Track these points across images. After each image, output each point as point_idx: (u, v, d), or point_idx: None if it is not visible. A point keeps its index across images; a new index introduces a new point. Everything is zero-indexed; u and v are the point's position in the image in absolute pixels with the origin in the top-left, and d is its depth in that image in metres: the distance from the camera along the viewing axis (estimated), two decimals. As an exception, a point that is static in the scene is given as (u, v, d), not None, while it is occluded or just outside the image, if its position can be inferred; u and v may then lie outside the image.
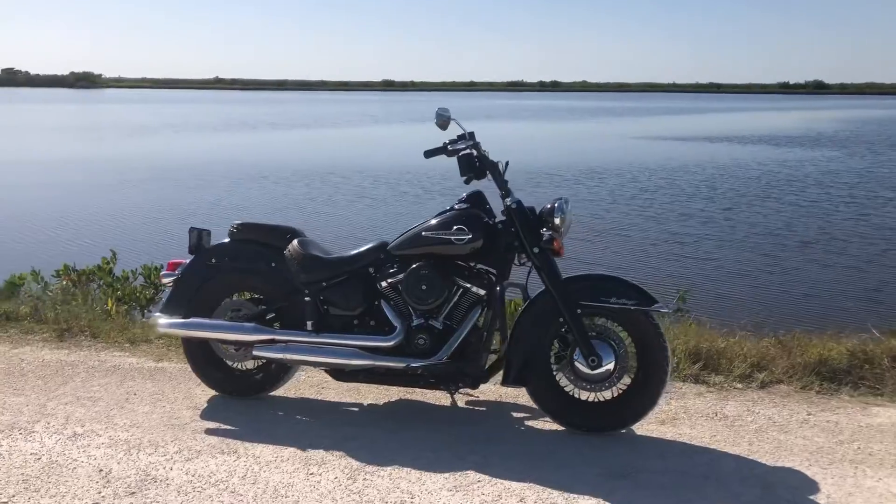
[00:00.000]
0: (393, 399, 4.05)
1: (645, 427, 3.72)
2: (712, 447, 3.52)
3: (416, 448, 3.48)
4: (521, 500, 3.03)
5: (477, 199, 3.74)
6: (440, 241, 3.64)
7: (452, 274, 3.68)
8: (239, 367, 4.02)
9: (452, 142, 3.68)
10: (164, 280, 4.11)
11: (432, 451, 3.45)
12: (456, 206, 3.73)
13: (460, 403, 4.00)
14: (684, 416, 3.86)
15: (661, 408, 3.96)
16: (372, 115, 55.12)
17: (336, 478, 3.20)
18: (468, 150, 3.68)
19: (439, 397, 4.02)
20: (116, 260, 6.93)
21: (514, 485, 3.15)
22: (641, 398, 3.59)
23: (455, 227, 3.62)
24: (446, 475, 3.23)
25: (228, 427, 3.70)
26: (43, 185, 18.22)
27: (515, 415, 3.87)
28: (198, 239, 4.04)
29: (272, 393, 4.08)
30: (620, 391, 3.65)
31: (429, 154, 3.72)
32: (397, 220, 13.24)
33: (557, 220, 3.55)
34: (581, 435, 3.61)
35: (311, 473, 3.24)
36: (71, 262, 6.75)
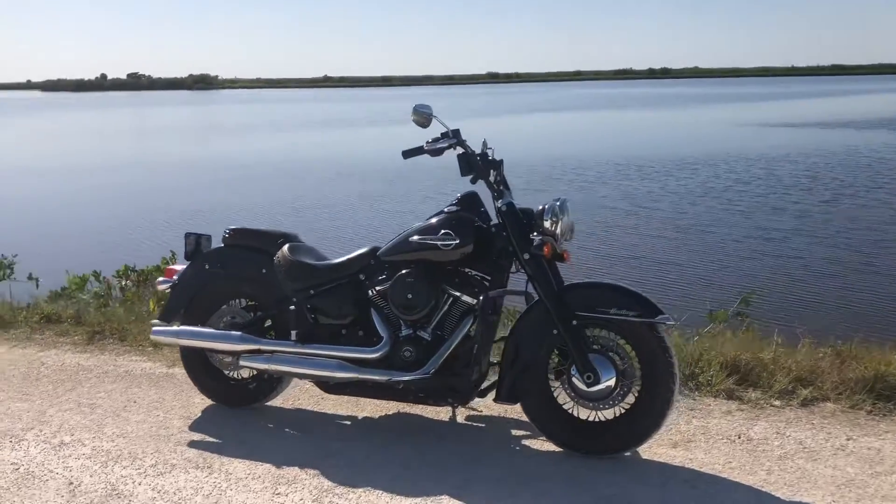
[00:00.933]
0: (391, 412, 3.84)
1: (653, 450, 3.38)
2: (723, 475, 3.14)
3: (397, 467, 3.26)
4: (488, 533, 2.77)
5: (469, 201, 3.47)
6: (427, 246, 3.40)
7: (441, 281, 3.43)
8: (234, 376, 3.91)
9: (434, 140, 3.42)
10: (160, 287, 4.04)
11: (412, 471, 3.23)
12: (446, 209, 3.48)
13: (459, 419, 3.75)
14: (702, 438, 3.48)
15: (680, 427, 3.60)
16: (471, 109, 54.91)
17: (301, 499, 3.02)
18: (454, 149, 3.41)
19: (438, 411, 3.78)
20: (175, 259, 7.00)
21: (488, 513, 2.89)
22: (645, 419, 3.25)
23: (442, 232, 3.37)
24: (417, 500, 3.00)
25: (212, 439, 3.59)
26: (153, 186, 18.98)
27: (515, 432, 3.59)
28: (195, 244, 3.94)
29: (268, 403, 3.95)
30: (623, 410, 3.32)
31: (407, 154, 3.47)
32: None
33: (548, 224, 3.25)
34: (580, 457, 3.31)
35: (278, 493, 3.07)
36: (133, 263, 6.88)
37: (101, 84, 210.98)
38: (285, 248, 3.72)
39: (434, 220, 3.44)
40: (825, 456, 3.28)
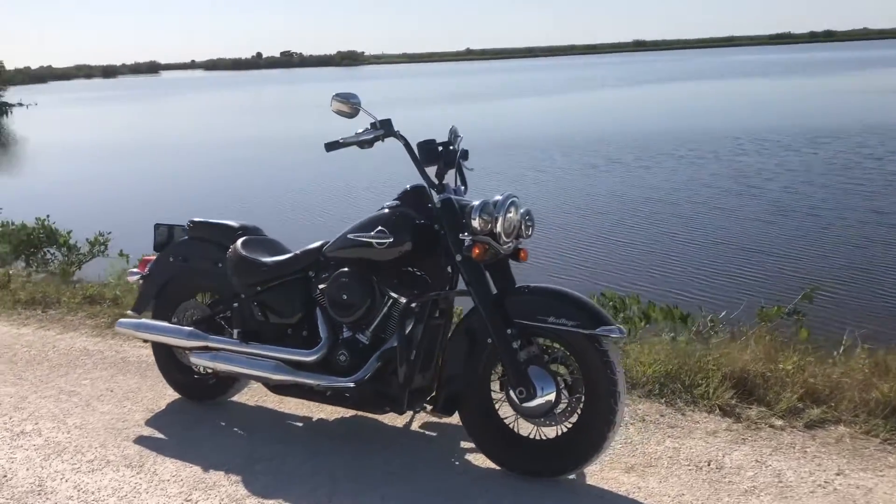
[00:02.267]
0: (348, 414, 3.66)
1: (604, 473, 3.04)
2: (667, 511, 2.78)
3: (322, 478, 3.08)
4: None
5: (413, 195, 3.21)
6: (361, 244, 3.18)
7: (379, 282, 3.20)
8: (198, 370, 3.85)
9: (364, 131, 3.16)
10: (130, 278, 4.03)
11: (334, 483, 3.04)
12: (386, 204, 3.25)
13: (415, 426, 3.53)
14: (665, 463, 3.10)
15: (647, 448, 3.23)
16: (609, 79, 53.30)
17: (209, 508, 2.92)
18: (381, 140, 3.15)
19: (395, 417, 3.57)
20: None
21: (387, 538, 2.68)
22: (584, 441, 2.92)
23: (377, 230, 3.14)
24: (322, 517, 2.82)
25: (159, 436, 3.54)
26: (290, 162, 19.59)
27: (464, 445, 3.31)
28: (167, 235, 3.90)
29: (234, 398, 3.87)
30: (566, 429, 3.00)
31: (330, 147, 3.23)
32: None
33: (475, 223, 2.94)
34: (516, 478, 3.02)
35: (189, 500, 2.97)
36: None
37: (257, 63, 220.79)
38: (238, 242, 3.60)
39: (371, 216, 3.21)
40: (799, 494, 2.84)
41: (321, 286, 3.35)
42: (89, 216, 11.59)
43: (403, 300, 3.16)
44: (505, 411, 3.09)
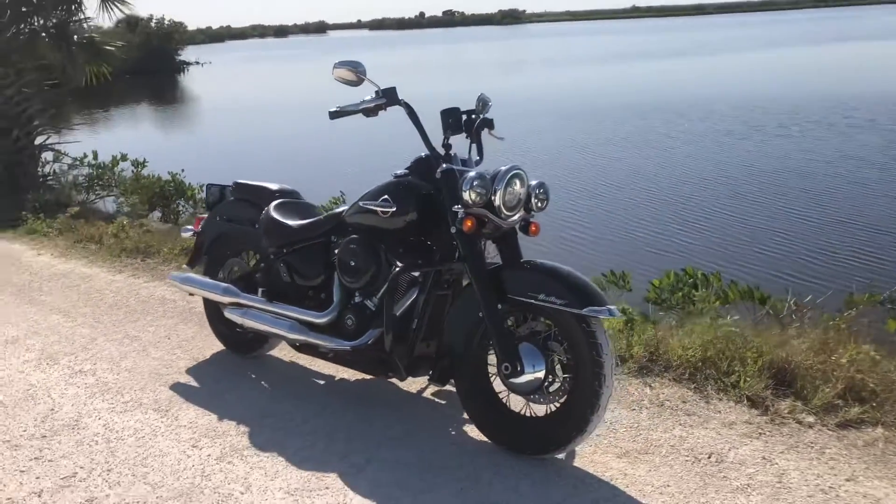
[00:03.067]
0: (369, 376, 3.73)
1: (596, 456, 2.96)
2: (643, 500, 2.67)
3: (320, 437, 3.18)
4: (334, 521, 2.63)
5: (422, 164, 3.19)
6: (369, 211, 3.21)
7: (386, 250, 3.23)
8: (240, 324, 4.04)
9: (369, 99, 3.15)
10: (183, 234, 4.27)
11: (329, 442, 3.14)
12: (395, 173, 3.25)
13: (427, 393, 3.56)
14: (662, 452, 2.97)
15: (652, 434, 3.11)
16: (790, 37, 50.01)
17: (209, 455, 3.08)
18: (384, 109, 3.14)
19: (411, 382, 3.61)
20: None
21: (356, 500, 2.74)
22: (567, 422, 2.84)
23: (382, 198, 3.16)
24: (306, 474, 2.91)
25: (193, 383, 3.77)
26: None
27: (466, 415, 3.32)
28: (218, 196, 4.09)
29: (271, 353, 4.05)
30: (553, 409, 2.93)
31: (333, 115, 3.23)
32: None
33: (466, 195, 2.89)
34: (504, 453, 2.99)
35: (195, 445, 3.15)
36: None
37: (420, 22, 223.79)
38: (272, 204, 3.73)
39: (380, 185, 3.23)
40: (794, 497, 2.65)
41: (337, 251, 3.42)
42: (232, 171, 12.21)
43: (409, 269, 3.18)
44: (499, 385, 3.06)
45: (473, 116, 3.26)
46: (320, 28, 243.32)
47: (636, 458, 2.94)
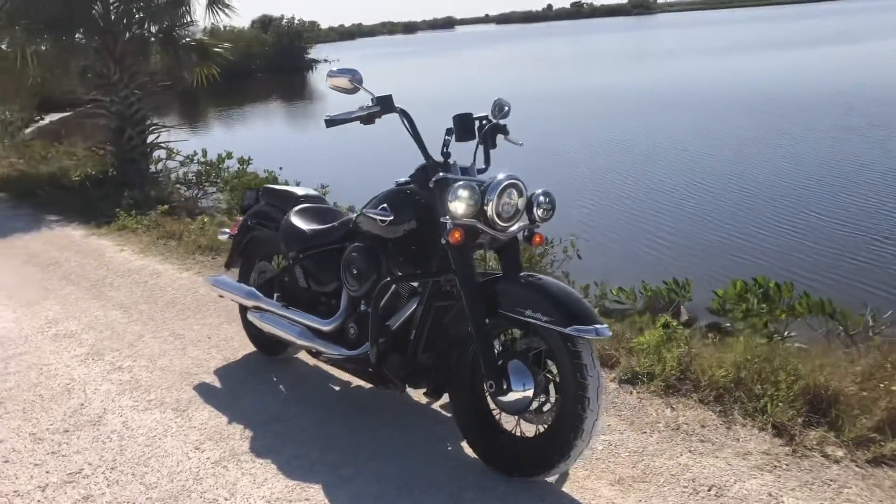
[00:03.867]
0: (384, 384, 3.70)
1: (588, 483, 2.81)
2: (624, 535, 2.51)
3: (315, 447, 3.17)
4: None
5: (421, 173, 3.11)
6: (371, 220, 3.17)
7: (385, 259, 3.18)
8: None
9: (366, 107, 3.08)
10: (220, 237, 4.36)
11: (323, 452, 3.13)
12: (397, 181, 3.19)
13: (437, 404, 3.48)
14: (660, 480, 2.79)
15: (656, 462, 2.92)
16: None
17: (208, 458, 3.13)
18: (379, 116, 3.07)
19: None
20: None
21: (331, 514, 2.72)
22: (551, 446, 2.71)
23: (380, 207, 3.11)
24: (292, 484, 2.90)
25: (217, 384, 3.85)
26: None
27: (471, 430, 3.23)
28: (254, 200, 4.16)
29: (297, 356, 4.08)
30: (541, 431, 2.80)
31: (329, 123, 3.17)
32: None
33: (452, 206, 2.78)
34: (495, 474, 2.89)
35: (198, 448, 3.21)
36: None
37: (546, 15, 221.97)
38: (293, 210, 3.75)
39: (382, 193, 3.18)
40: (791, 541, 2.42)
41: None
42: (335, 170, 12.37)
43: (408, 279, 3.12)
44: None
45: (485, 122, 3.17)
46: (448, 24, 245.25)
47: (630, 486, 2.77)
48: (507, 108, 3.24)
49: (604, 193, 11.05)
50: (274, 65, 49.70)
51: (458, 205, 2.77)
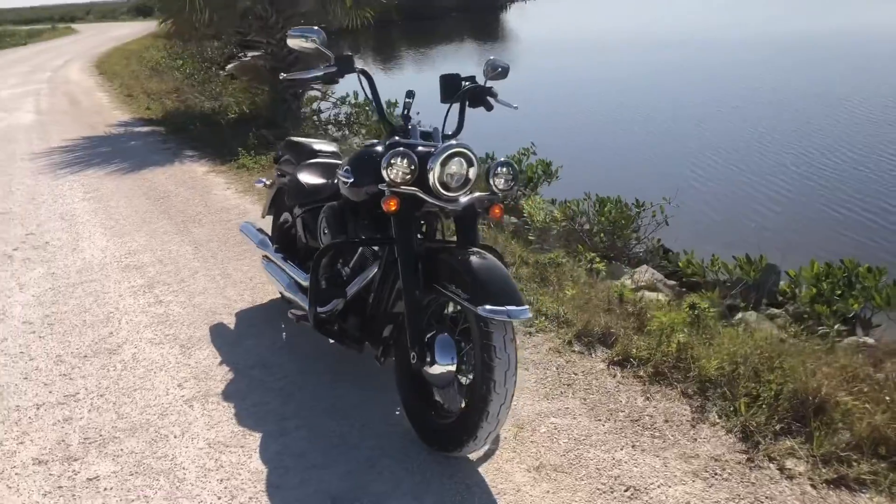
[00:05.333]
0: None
1: (507, 465, 2.73)
2: (508, 524, 2.43)
3: (280, 395, 3.28)
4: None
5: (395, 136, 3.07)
6: (340, 181, 3.17)
7: (352, 220, 3.18)
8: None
9: (325, 66, 3.04)
10: (256, 185, 4.51)
11: (281, 403, 3.23)
12: (367, 143, 3.16)
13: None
14: (580, 474, 2.65)
15: (585, 453, 2.78)
16: None
17: (182, 396, 3.32)
18: (339, 77, 3.02)
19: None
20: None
21: (253, 463, 2.82)
22: (461, 425, 2.64)
23: (345, 168, 3.11)
24: (238, 430, 3.03)
25: (231, 326, 4.03)
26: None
27: (429, 397, 3.20)
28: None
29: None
30: (460, 408, 2.73)
31: (286, 78, 3.14)
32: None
33: (385, 172, 2.72)
34: (421, 446, 2.87)
35: (180, 386, 3.41)
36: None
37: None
38: (303, 163, 3.81)
39: (352, 154, 3.17)
40: (678, 558, 2.24)
41: None
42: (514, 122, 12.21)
43: (371, 243, 3.11)
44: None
45: (466, 84, 3.07)
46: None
47: (546, 474, 2.66)
48: (501, 69, 3.12)
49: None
50: (468, 3, 49.79)
51: (391, 171, 2.71)
